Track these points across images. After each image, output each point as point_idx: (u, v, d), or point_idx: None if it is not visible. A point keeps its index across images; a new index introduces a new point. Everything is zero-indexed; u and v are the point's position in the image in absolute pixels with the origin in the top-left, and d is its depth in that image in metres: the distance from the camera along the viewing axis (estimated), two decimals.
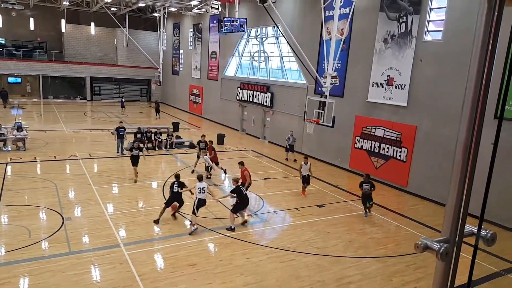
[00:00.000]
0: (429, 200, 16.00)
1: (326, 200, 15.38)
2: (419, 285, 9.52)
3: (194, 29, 37.70)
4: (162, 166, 19.90)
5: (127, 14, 42.66)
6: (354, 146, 19.71)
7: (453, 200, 1.90)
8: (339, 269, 10.06)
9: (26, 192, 14.47)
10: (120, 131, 20.49)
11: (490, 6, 1.74)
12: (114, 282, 8.80)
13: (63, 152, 20.79)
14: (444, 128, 15.31)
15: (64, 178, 16.55)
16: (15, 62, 41.29)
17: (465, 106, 1.83)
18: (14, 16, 42.01)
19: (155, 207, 13.56)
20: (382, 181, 18.15)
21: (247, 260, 10.24)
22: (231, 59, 31.86)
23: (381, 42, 17.77)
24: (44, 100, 42.95)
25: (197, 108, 38.58)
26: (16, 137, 20.77)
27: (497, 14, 1.74)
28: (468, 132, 1.83)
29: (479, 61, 1.79)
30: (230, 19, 23.10)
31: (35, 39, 44.50)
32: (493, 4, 1.73)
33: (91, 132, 27.47)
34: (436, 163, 15.64)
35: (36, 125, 28.35)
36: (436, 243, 1.89)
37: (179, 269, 9.55)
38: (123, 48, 45.95)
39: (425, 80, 16.05)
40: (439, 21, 15.76)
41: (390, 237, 12.44)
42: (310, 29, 22.20)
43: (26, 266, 9.26)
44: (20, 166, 17.88)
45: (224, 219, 12.87)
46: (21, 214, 12.36)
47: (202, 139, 18.76)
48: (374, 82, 18.26)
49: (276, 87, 26.28)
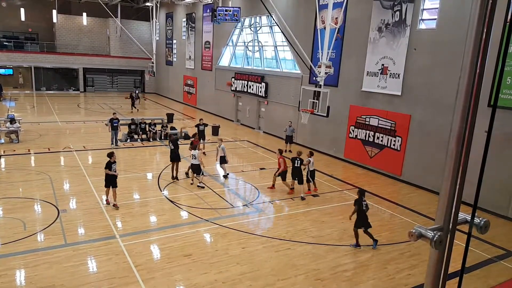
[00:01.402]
0: (423, 189, 16.12)
1: (321, 190, 15.44)
2: (413, 272, 9.64)
3: (187, 19, 37.39)
4: (156, 157, 19.86)
5: (119, 3, 42.11)
6: (349, 135, 19.76)
7: (446, 188, 1.92)
8: (334, 258, 10.15)
9: (20, 184, 14.41)
10: (114, 122, 20.39)
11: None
12: (111, 273, 8.83)
13: (57, 144, 20.68)
14: (438, 117, 15.37)
15: (59, 170, 16.48)
16: (7, 53, 40.78)
17: (459, 95, 1.84)
18: (5, 7, 41.47)
19: (150, 198, 13.58)
20: (377, 170, 18.26)
21: (242, 249, 10.30)
22: (225, 49, 31.68)
23: (376, 31, 17.73)
24: (36, 92, 42.56)
25: (191, 99, 38.42)
26: (9, 129, 20.61)
27: (491, 2, 1.74)
28: (462, 121, 1.84)
29: (473, 49, 1.79)
30: (224, 8, 22.88)
31: (26, 30, 43.91)
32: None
33: (85, 123, 27.32)
34: (430, 152, 15.73)
35: (29, 117, 28.13)
36: (430, 231, 1.91)
37: (175, 259, 9.59)
38: (115, 39, 45.47)
39: (419, 69, 16.07)
40: (433, 9, 15.73)
41: (384, 225, 12.54)
42: (304, 18, 22.10)
43: (22, 259, 9.26)
44: (14, 158, 17.77)
45: (220, 209, 12.91)
46: (15, 207, 12.33)
47: (201, 122, 18.99)
48: (369, 72, 18.26)
49: (270, 77, 26.20)
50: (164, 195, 14.05)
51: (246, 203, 13.78)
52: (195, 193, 14.25)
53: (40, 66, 42.66)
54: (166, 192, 14.34)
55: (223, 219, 12.11)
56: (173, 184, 15.23)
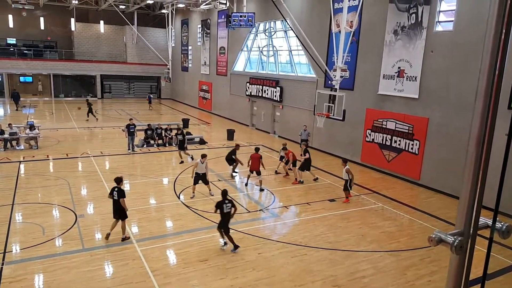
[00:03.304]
0: (442, 193, 15.85)
1: (338, 194, 15.31)
2: (433, 278, 9.45)
3: (202, 25, 37.69)
4: (172, 162, 20.00)
5: (135, 11, 42.78)
6: (366, 139, 19.58)
7: (466, 192, 1.87)
8: (352, 264, 10.03)
9: (39, 190, 14.66)
10: (130, 128, 20.63)
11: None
12: (127, 278, 8.89)
13: (75, 150, 21.01)
14: (456, 119, 15.13)
15: (76, 175, 16.73)
16: (27, 61, 41.71)
17: (478, 97, 1.80)
18: (25, 16, 42.45)
19: (167, 203, 13.66)
20: (394, 174, 18.03)
21: (259, 255, 10.26)
22: (240, 54, 31.80)
23: (391, 34, 17.57)
24: (55, 99, 43.39)
25: (206, 104, 38.64)
26: (29, 135, 21.05)
27: (510, 2, 1.69)
28: (481, 123, 1.79)
29: (491, 51, 1.74)
30: (238, 14, 23.01)
31: (45, 38, 44.88)
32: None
33: (102, 129, 27.69)
34: (448, 155, 15.47)
35: (48, 123, 28.67)
36: (450, 236, 1.86)
37: (191, 264, 9.61)
38: (132, 46, 46.15)
39: (436, 72, 15.85)
40: (450, 11, 15.53)
41: (403, 230, 12.36)
42: (319, 22, 22.05)
43: (40, 263, 9.40)
44: (33, 164, 18.11)
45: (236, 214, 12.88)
46: (35, 212, 12.54)
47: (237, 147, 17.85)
48: (385, 75, 18.09)
49: (285, 81, 26.19)
50: (180, 200, 14.11)
51: (262, 208, 13.74)
52: (211, 198, 14.28)
53: (59, 74, 43.55)
54: (182, 197, 14.40)
55: (239, 224, 12.09)
56: (189, 189, 15.28)
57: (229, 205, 10.25)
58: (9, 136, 20.64)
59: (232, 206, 10.31)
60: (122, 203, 10.58)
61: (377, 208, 14.25)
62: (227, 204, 10.24)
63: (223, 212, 10.20)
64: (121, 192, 10.64)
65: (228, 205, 10.24)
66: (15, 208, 12.86)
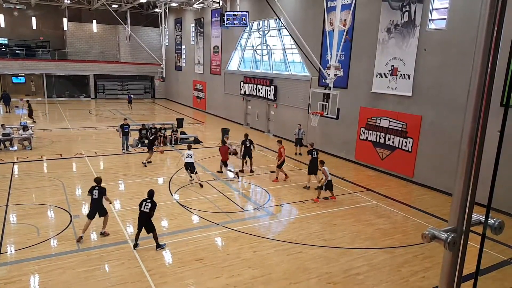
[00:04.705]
0: (436, 190, 15.96)
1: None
2: (427, 274, 9.53)
3: (195, 24, 37.61)
4: (167, 162, 19.95)
5: (128, 10, 42.58)
6: (359, 137, 19.65)
7: (459, 189, 1.89)
8: (347, 261, 10.08)
9: (33, 190, 14.58)
10: (124, 128, 20.56)
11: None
12: (123, 278, 8.87)
13: (69, 150, 20.90)
14: (449, 117, 15.23)
15: (71, 176, 16.65)
16: (19, 61, 41.42)
17: (471, 95, 1.82)
18: (17, 16, 42.09)
19: (162, 203, 13.62)
20: (388, 172, 18.12)
21: (254, 253, 10.28)
22: (234, 53, 31.78)
23: (385, 32, 17.64)
24: (48, 99, 43.11)
25: (201, 104, 38.58)
26: (22, 136, 20.90)
27: (501, 1, 1.72)
28: (474, 120, 1.81)
29: (484, 49, 1.77)
30: (232, 12, 22.96)
31: (37, 39, 44.56)
32: None
33: (96, 129, 27.56)
34: (442, 152, 15.57)
35: (41, 124, 28.48)
36: (443, 232, 1.88)
37: (187, 263, 9.61)
38: (125, 45, 45.95)
39: (429, 70, 15.94)
40: (443, 9, 15.61)
41: (397, 227, 12.43)
42: (313, 20, 22.09)
43: (36, 264, 9.36)
44: (26, 165, 18.00)
45: (231, 213, 12.92)
46: (29, 213, 12.47)
47: (247, 138, 18.08)
48: (378, 73, 18.16)
49: (279, 80, 26.21)
50: (175, 200, 14.10)
51: (257, 207, 13.76)
52: (206, 197, 14.27)
53: (52, 74, 43.28)
54: (177, 197, 14.39)
55: (234, 223, 12.11)
56: (184, 188, 15.29)
57: (148, 205, 10.20)
58: (2, 137, 20.50)
59: (151, 208, 10.17)
60: (106, 199, 11.02)
61: (371, 205, 14.33)
62: (147, 203, 10.23)
63: (141, 210, 10.23)
64: (103, 189, 11.03)
65: (148, 205, 10.20)
66: (9, 209, 12.77)
